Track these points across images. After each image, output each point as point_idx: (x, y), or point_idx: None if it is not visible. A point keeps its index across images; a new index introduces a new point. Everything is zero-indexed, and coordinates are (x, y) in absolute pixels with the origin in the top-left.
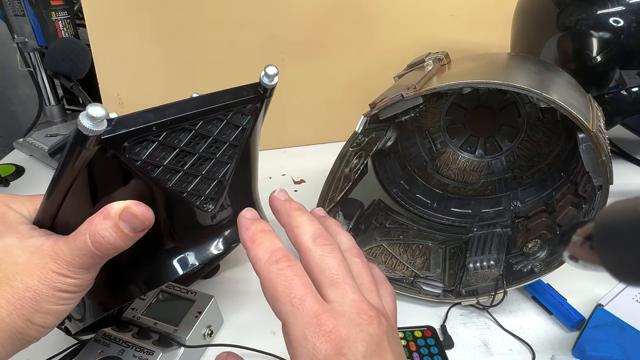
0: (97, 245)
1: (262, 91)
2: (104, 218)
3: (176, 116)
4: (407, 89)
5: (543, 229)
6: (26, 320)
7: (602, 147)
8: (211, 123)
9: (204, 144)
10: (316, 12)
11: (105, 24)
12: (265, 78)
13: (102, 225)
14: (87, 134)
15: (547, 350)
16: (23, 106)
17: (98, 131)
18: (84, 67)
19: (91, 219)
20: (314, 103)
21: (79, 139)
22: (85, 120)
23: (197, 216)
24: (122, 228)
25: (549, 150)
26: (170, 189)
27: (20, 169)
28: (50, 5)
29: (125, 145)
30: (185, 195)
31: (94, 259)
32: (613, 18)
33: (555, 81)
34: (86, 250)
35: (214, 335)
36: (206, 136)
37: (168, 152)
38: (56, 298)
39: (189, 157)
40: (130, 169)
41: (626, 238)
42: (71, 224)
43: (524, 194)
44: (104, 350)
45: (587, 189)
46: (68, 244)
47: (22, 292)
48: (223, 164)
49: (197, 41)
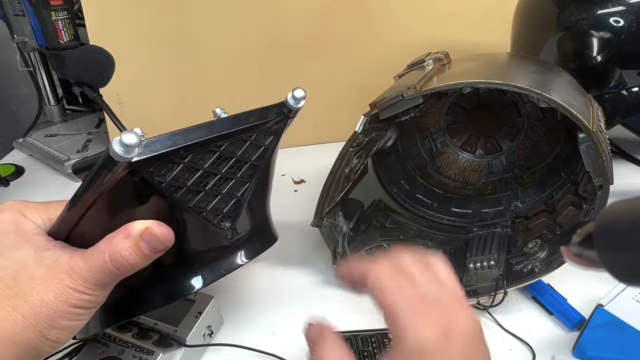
0: (116, 263)
1: (287, 112)
2: (124, 237)
3: (204, 139)
4: (407, 89)
5: (543, 229)
6: (41, 336)
7: (603, 147)
8: (235, 144)
9: (226, 164)
10: (316, 12)
11: (105, 24)
12: (292, 100)
13: (122, 244)
14: (117, 160)
15: (547, 351)
16: (23, 106)
17: (129, 158)
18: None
19: (111, 237)
20: (314, 103)
21: (108, 164)
22: (117, 146)
23: (213, 234)
24: (141, 248)
25: (549, 150)
26: (190, 207)
27: (20, 169)
28: (50, 5)
29: (152, 169)
30: (204, 214)
31: (111, 277)
32: (613, 18)
33: (555, 81)
34: (104, 268)
35: (214, 335)
36: (229, 157)
37: (192, 173)
38: (71, 314)
39: (210, 178)
40: (153, 189)
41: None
42: (88, 237)
43: (524, 194)
44: (103, 351)
45: (588, 189)
46: (85, 260)
47: (37, 308)
48: (243, 183)
49: (197, 41)
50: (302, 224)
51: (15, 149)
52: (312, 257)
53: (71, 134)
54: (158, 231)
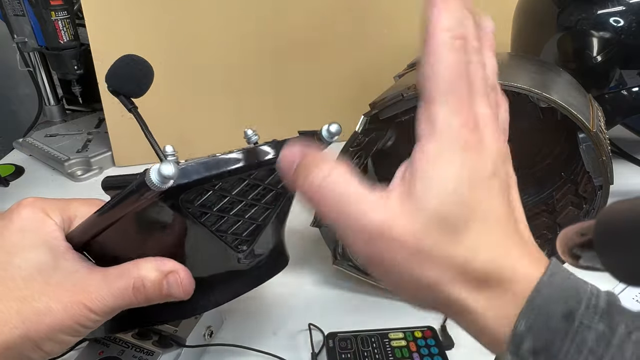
0: (137, 292)
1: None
2: (153, 269)
3: (239, 167)
4: (407, 89)
5: (543, 229)
6: (35, 345)
7: (603, 147)
8: (264, 172)
9: (252, 191)
10: (316, 12)
11: (105, 24)
12: (326, 133)
13: (149, 274)
14: (152, 188)
15: None
16: (23, 106)
17: (163, 188)
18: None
19: (138, 264)
20: (314, 103)
21: (141, 189)
22: (155, 175)
23: (229, 257)
24: (163, 285)
25: (549, 150)
26: (211, 231)
27: (20, 169)
28: (50, 5)
29: (182, 196)
30: (224, 237)
31: (126, 303)
32: (613, 18)
33: (555, 81)
34: (125, 294)
35: (214, 336)
36: (257, 184)
37: (219, 199)
38: (72, 330)
39: (236, 204)
40: (181, 213)
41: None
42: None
43: (524, 194)
44: (103, 351)
45: (588, 189)
46: (108, 282)
47: (41, 316)
48: (266, 209)
49: (197, 41)
50: (302, 224)
51: (15, 149)
52: (312, 257)
53: (71, 134)
54: (184, 279)
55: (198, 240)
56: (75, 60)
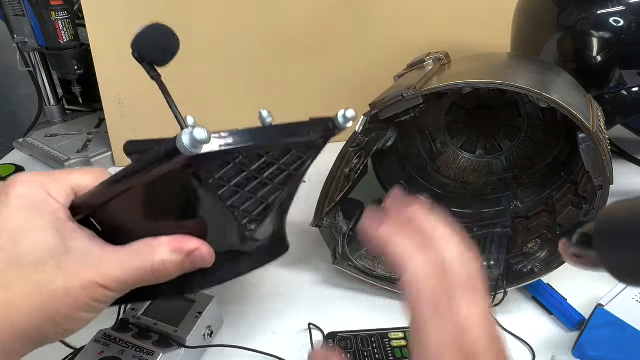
0: (157, 272)
1: (332, 128)
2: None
3: (261, 143)
4: (407, 89)
5: (543, 229)
6: (56, 325)
7: (603, 147)
8: (281, 151)
9: (268, 169)
10: (316, 12)
11: (105, 24)
12: (342, 118)
13: (169, 257)
14: (183, 152)
15: (547, 351)
16: (23, 106)
17: (194, 152)
18: (170, 57)
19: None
20: (314, 103)
21: (170, 154)
22: (187, 139)
23: (239, 234)
24: (185, 263)
25: (549, 150)
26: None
27: (20, 169)
28: (50, 5)
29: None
30: (236, 214)
31: (146, 280)
32: (613, 18)
33: (555, 81)
34: (144, 272)
35: (214, 336)
36: (273, 163)
37: (238, 173)
38: (91, 307)
39: (251, 180)
40: (200, 184)
41: (626, 238)
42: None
43: (524, 194)
44: (104, 351)
45: (588, 189)
46: (122, 262)
47: (60, 299)
48: (276, 189)
49: (197, 41)
50: (302, 224)
51: (15, 149)
52: (312, 257)
53: (71, 134)
54: (206, 254)
55: (211, 213)
56: (75, 60)
